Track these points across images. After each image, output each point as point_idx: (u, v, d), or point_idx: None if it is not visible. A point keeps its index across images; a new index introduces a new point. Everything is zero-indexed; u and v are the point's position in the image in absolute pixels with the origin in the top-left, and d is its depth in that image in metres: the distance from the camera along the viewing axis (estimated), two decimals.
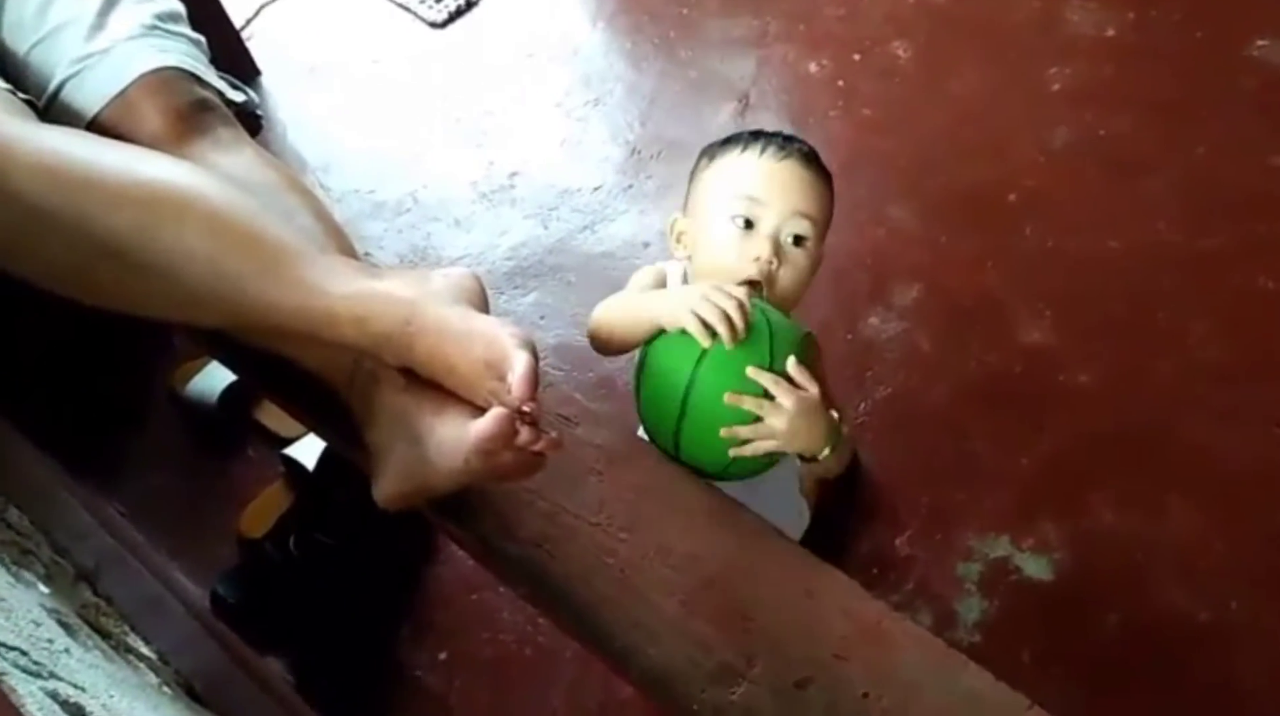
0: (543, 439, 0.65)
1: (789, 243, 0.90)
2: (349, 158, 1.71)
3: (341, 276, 0.71)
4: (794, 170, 0.90)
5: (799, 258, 0.91)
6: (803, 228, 0.90)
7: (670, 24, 1.84)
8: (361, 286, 0.71)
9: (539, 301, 1.53)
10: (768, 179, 0.90)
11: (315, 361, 0.78)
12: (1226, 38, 1.67)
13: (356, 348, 0.71)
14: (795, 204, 0.90)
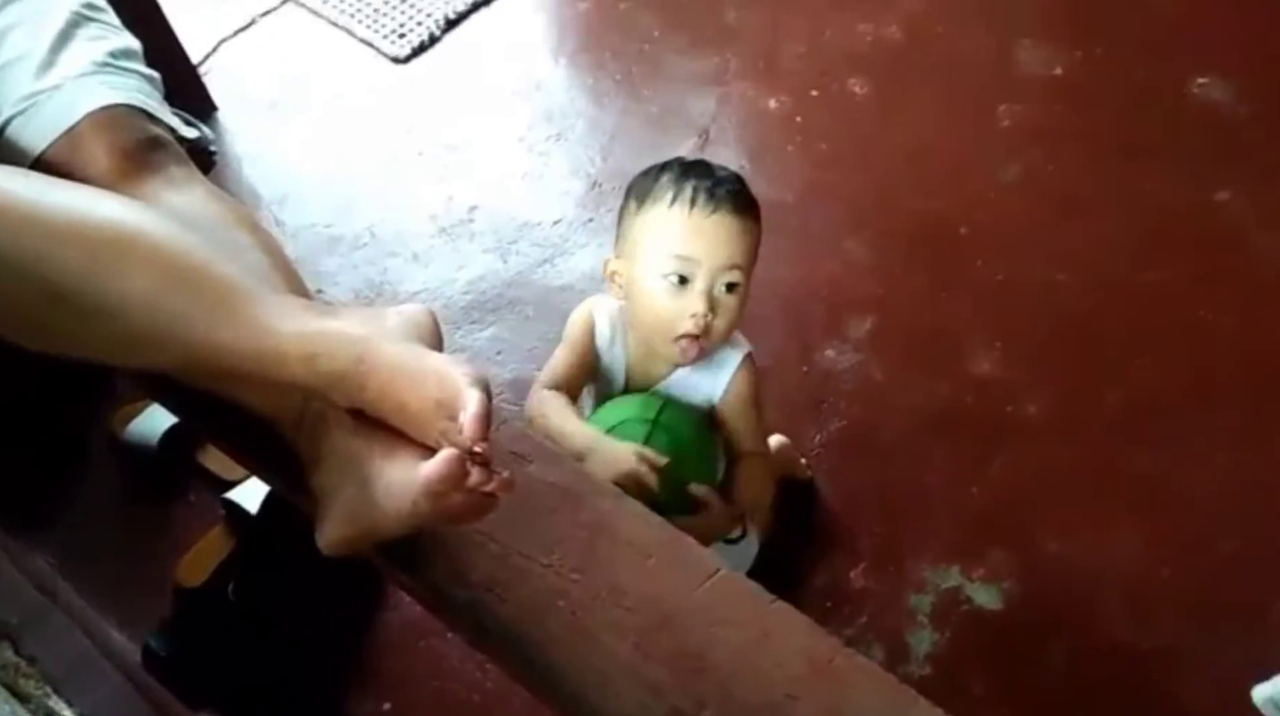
0: (495, 479, 0.65)
1: (722, 292, 0.93)
2: (306, 192, 1.71)
3: (292, 315, 0.71)
4: (724, 223, 0.92)
5: (731, 302, 0.94)
6: (735, 276, 0.93)
7: (632, 61, 1.87)
8: (312, 325, 0.70)
9: (496, 336, 1.54)
10: (699, 237, 0.92)
11: (263, 403, 0.77)
12: (1169, 76, 1.73)
13: (307, 387, 0.71)
14: (728, 258, 0.92)
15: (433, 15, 1.92)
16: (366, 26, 1.91)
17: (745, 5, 1.92)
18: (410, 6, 1.94)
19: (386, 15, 1.93)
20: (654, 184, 0.96)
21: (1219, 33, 1.75)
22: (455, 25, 1.92)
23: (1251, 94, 1.68)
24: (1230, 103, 1.68)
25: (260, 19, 1.96)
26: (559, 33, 1.93)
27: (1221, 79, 1.70)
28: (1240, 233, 1.54)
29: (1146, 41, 1.77)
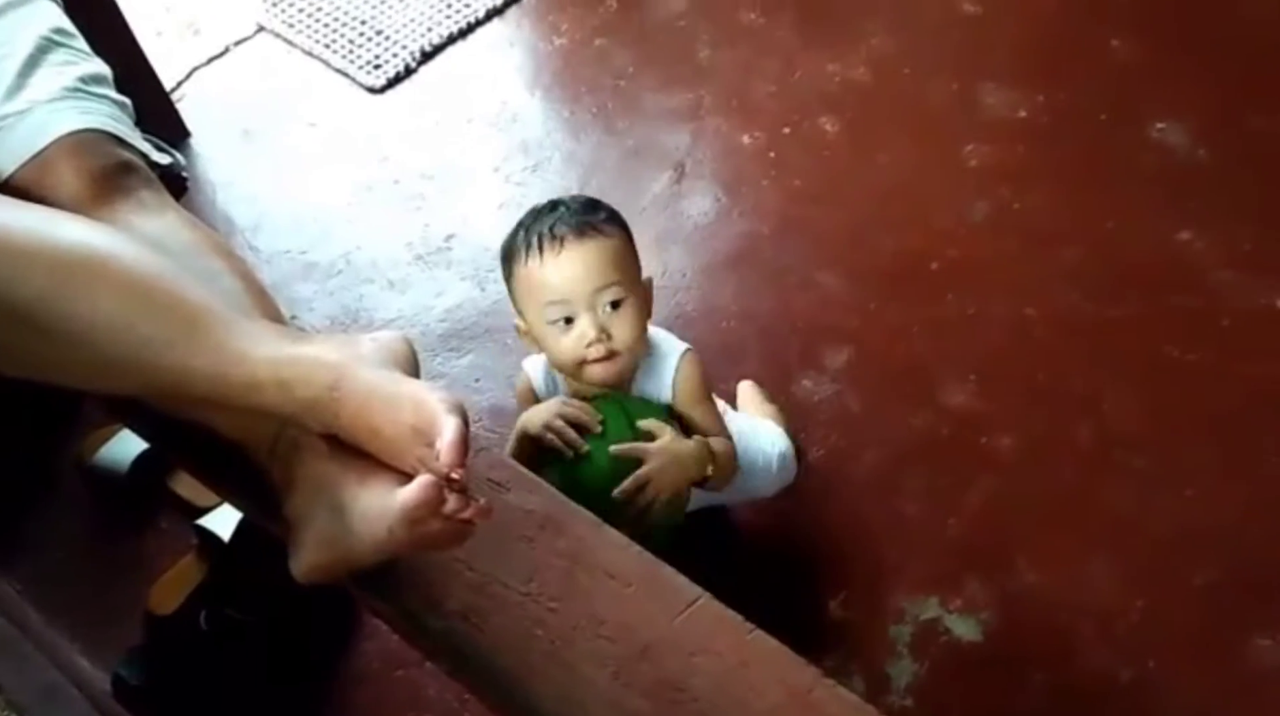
0: (471, 506, 0.64)
1: (608, 312, 0.98)
2: (280, 219, 1.69)
3: (265, 341, 0.70)
4: (574, 255, 0.97)
5: (624, 316, 0.99)
6: (613, 293, 0.98)
7: (607, 95, 1.89)
8: (286, 351, 0.69)
9: (475, 363, 1.52)
10: (559, 277, 0.97)
11: (236, 429, 0.75)
12: (1128, 120, 1.79)
13: (280, 414, 0.69)
14: (595, 284, 0.97)
15: (409, 47, 1.93)
16: (342, 57, 1.92)
17: (717, 44, 1.95)
18: (386, 38, 1.95)
19: (362, 46, 1.93)
20: (512, 243, 1.03)
21: (1176, 79, 1.82)
22: (431, 57, 1.93)
23: (1208, 139, 1.74)
24: (1188, 146, 1.74)
25: (234, 47, 1.95)
26: (535, 67, 1.95)
27: (1179, 124, 1.76)
28: (1201, 271, 1.59)
29: (1107, 86, 1.83)
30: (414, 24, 1.97)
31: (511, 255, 1.03)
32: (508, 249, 1.04)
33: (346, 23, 1.97)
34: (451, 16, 1.98)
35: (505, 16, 2.00)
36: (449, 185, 1.76)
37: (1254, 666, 1.20)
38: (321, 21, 1.97)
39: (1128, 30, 1.88)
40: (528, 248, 1.00)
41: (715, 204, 1.73)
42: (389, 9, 1.99)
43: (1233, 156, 1.72)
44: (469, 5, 2.00)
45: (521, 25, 2.00)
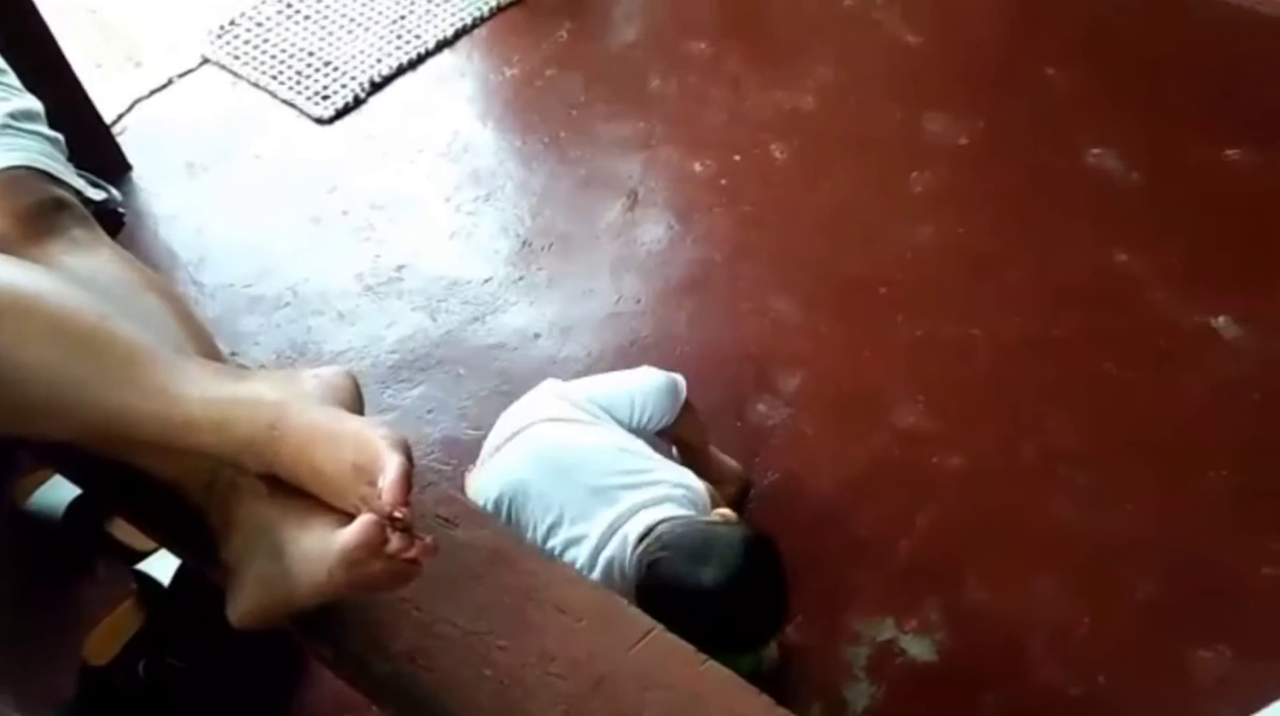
0: (416, 545, 0.63)
1: None
2: (225, 253, 1.66)
3: (200, 380, 0.68)
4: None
5: None
6: None
7: (559, 124, 1.90)
8: (222, 390, 0.68)
9: (426, 394, 1.51)
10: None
11: (171, 471, 0.73)
12: (1065, 146, 1.85)
13: (217, 455, 0.68)
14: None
15: (357, 78, 1.93)
16: (289, 88, 1.90)
17: (668, 74, 1.98)
18: (334, 69, 1.94)
19: (309, 77, 1.92)
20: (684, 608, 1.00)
21: (1109, 106, 1.89)
22: (380, 88, 1.93)
23: (1140, 163, 1.80)
24: (1122, 170, 1.81)
25: (178, 79, 1.92)
26: (485, 97, 1.96)
27: (1113, 149, 1.82)
28: (1138, 291, 1.64)
29: (1043, 113, 1.89)
30: (363, 55, 1.96)
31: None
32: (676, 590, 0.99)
33: (294, 54, 1.96)
34: (401, 47, 1.98)
35: (455, 47, 2.01)
36: (399, 215, 1.75)
37: (1199, 678, 1.23)
38: (268, 53, 1.95)
39: (1062, 59, 1.95)
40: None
41: (668, 231, 1.75)
42: (337, 40, 1.98)
43: (1164, 179, 1.79)
44: (419, 36, 2.00)
45: (472, 56, 2.01)
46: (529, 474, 1.11)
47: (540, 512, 1.08)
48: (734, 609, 0.99)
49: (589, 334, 1.60)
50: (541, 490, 1.09)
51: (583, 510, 1.06)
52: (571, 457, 1.11)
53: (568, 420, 1.16)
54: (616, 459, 1.11)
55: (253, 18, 2.01)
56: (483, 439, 1.47)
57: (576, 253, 1.71)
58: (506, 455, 1.16)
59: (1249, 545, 1.34)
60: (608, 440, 1.13)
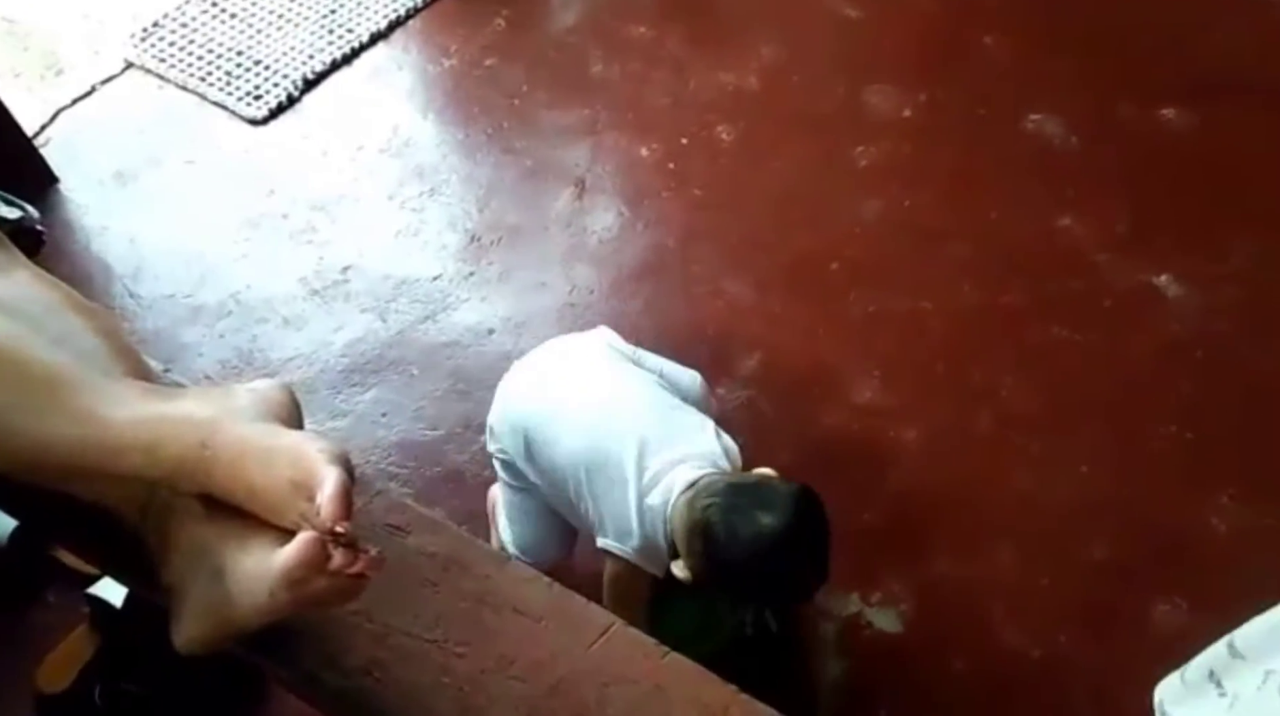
0: (361, 559, 0.61)
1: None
2: (161, 263, 1.61)
3: (128, 401, 0.66)
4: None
5: None
6: None
7: (502, 115, 1.87)
8: (151, 410, 0.65)
9: (379, 398, 1.48)
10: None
11: (105, 496, 0.71)
12: (1005, 114, 1.87)
13: (149, 477, 0.65)
14: None
15: (289, 76, 1.87)
16: (219, 89, 1.84)
17: (610, 59, 1.96)
18: (265, 68, 1.88)
19: (240, 77, 1.87)
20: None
21: (1047, 73, 1.91)
22: (314, 85, 1.88)
23: (1079, 128, 1.83)
24: (1062, 136, 1.83)
25: (101, 86, 1.86)
26: (425, 90, 1.92)
27: (1052, 115, 1.84)
28: (1083, 254, 1.67)
29: (983, 83, 1.91)
30: (294, 51, 1.91)
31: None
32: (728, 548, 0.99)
33: (222, 54, 1.90)
34: (333, 42, 1.93)
35: (390, 40, 1.96)
36: (342, 216, 1.71)
37: (1158, 631, 1.26)
38: (195, 54, 1.89)
39: (999, 28, 1.97)
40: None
41: (618, 218, 1.73)
42: (266, 37, 1.93)
43: (1104, 142, 1.81)
44: (351, 30, 1.95)
45: (408, 48, 1.97)
46: (572, 411, 1.09)
47: (579, 450, 1.06)
48: (793, 554, 0.99)
49: (544, 327, 1.58)
50: (585, 428, 1.07)
51: (627, 453, 1.04)
52: (623, 403, 1.09)
53: (625, 363, 1.14)
54: (666, 412, 1.09)
55: (177, 18, 1.94)
56: (440, 439, 1.46)
57: (526, 245, 1.69)
58: (551, 381, 1.13)
59: (1200, 499, 1.38)
60: (659, 394, 1.12)
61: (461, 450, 1.42)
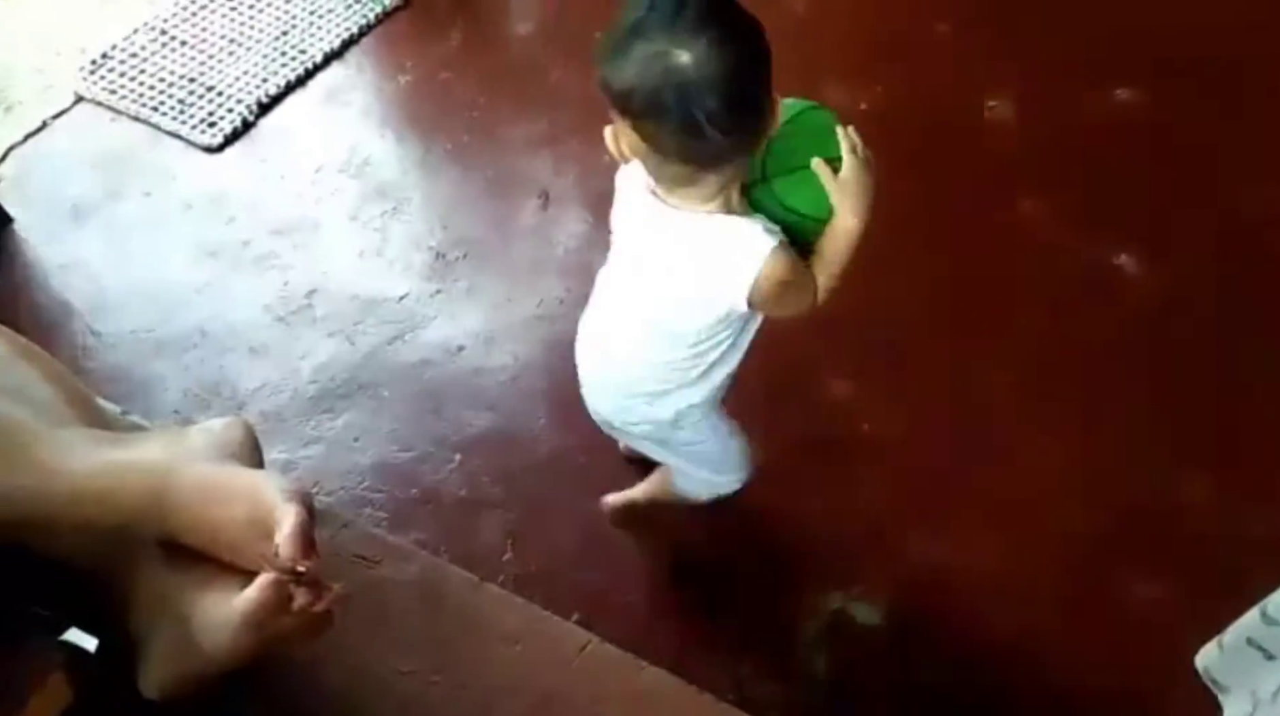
0: (325, 597, 0.61)
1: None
2: (123, 298, 1.59)
3: (81, 451, 0.65)
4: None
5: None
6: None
7: (461, 128, 1.86)
8: (106, 458, 0.65)
9: (351, 422, 1.47)
10: None
11: (64, 547, 0.70)
12: (962, 101, 1.88)
13: (107, 526, 0.65)
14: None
15: (243, 101, 1.85)
16: (173, 118, 1.82)
17: (567, 66, 1.95)
18: (219, 94, 1.86)
19: (193, 105, 1.85)
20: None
21: (1000, 58, 1.92)
22: (270, 109, 1.86)
23: (1036, 110, 1.84)
24: (1019, 120, 1.84)
25: (52, 121, 1.83)
26: (382, 108, 1.90)
27: (1007, 99, 1.86)
28: (1043, 236, 1.68)
29: (938, 72, 1.92)
30: (247, 76, 1.89)
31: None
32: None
33: (174, 82, 1.87)
34: (287, 64, 1.92)
35: (344, 59, 1.95)
36: (304, 240, 1.69)
37: (1132, 607, 1.28)
38: (146, 84, 1.87)
39: (951, 16, 1.98)
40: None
41: (584, 226, 1.73)
42: (218, 63, 1.91)
43: (1060, 124, 1.83)
44: (304, 51, 1.94)
45: (363, 67, 1.95)
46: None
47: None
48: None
49: (514, 340, 1.58)
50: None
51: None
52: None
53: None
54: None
55: (126, 49, 1.92)
56: (415, 460, 1.45)
57: (493, 259, 1.69)
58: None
59: (1167, 475, 1.40)
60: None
61: (437, 470, 1.42)
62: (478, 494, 1.39)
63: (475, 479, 1.41)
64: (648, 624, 1.25)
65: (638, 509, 1.26)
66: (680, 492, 1.21)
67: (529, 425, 1.47)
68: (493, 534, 1.35)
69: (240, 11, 1.99)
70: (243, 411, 1.46)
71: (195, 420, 1.43)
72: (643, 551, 1.34)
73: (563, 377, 1.54)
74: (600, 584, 1.30)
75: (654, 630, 1.24)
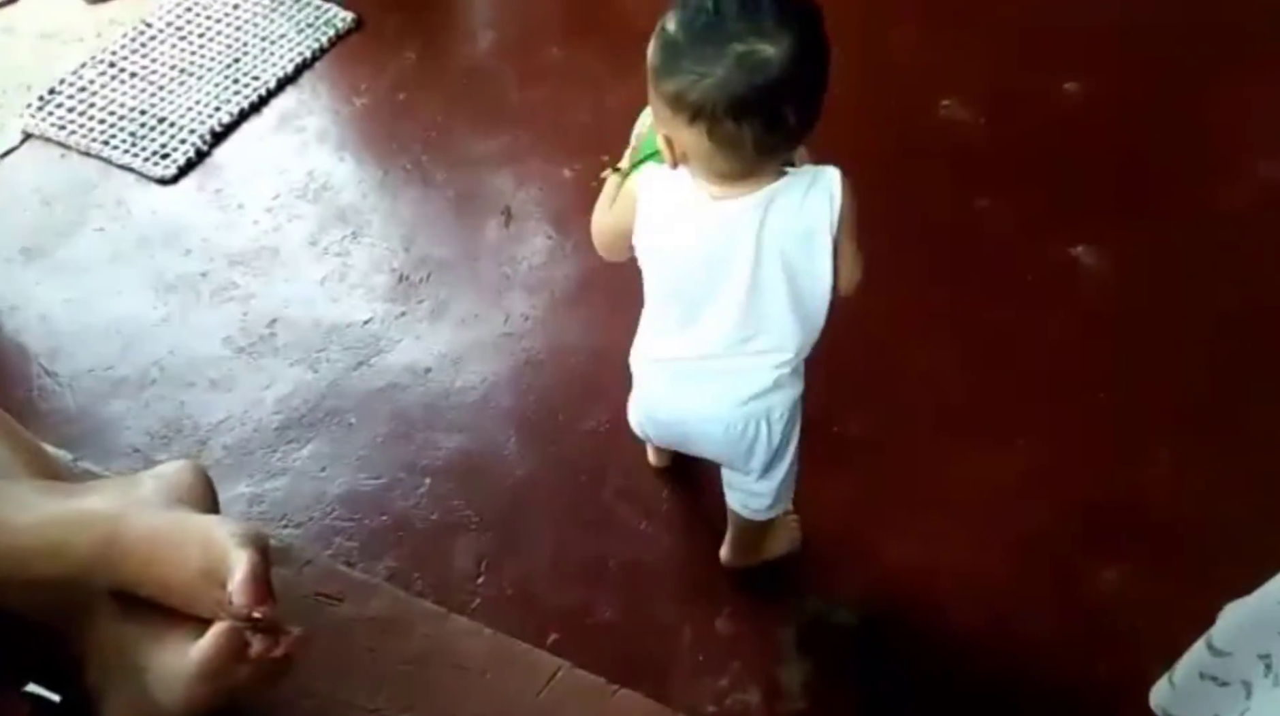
0: (283, 641, 0.60)
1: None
2: (78, 338, 1.57)
3: (29, 504, 0.64)
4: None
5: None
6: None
7: (420, 148, 1.85)
8: (53, 511, 0.63)
9: (318, 451, 1.45)
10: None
11: (16, 602, 0.68)
12: (915, 103, 1.90)
13: (57, 580, 0.63)
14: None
15: (196, 130, 1.83)
16: (124, 152, 1.80)
17: (524, 83, 1.95)
18: (170, 125, 1.84)
19: (144, 137, 1.82)
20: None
21: (954, 57, 1.95)
22: (223, 138, 1.84)
23: (988, 108, 1.87)
24: (972, 118, 1.87)
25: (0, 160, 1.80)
26: (339, 131, 1.89)
27: (962, 99, 1.88)
28: (1001, 232, 1.70)
29: (891, 75, 1.93)
30: (199, 105, 1.87)
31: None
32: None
33: (124, 114, 1.85)
34: (239, 92, 1.90)
35: (298, 83, 1.93)
36: (263, 268, 1.68)
37: (1104, 596, 1.30)
38: (96, 118, 1.84)
39: (903, 19, 2.01)
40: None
41: (548, 242, 1.73)
42: (169, 94, 1.88)
43: (1011, 120, 1.86)
44: (256, 77, 1.92)
45: (317, 91, 1.94)
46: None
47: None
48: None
49: (481, 360, 1.57)
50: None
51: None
52: None
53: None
54: None
55: (74, 83, 1.89)
56: (384, 487, 1.43)
57: (457, 278, 1.68)
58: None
59: (1134, 464, 1.42)
60: None
61: (407, 496, 1.41)
62: (450, 518, 1.38)
63: (446, 502, 1.40)
64: (626, 641, 1.25)
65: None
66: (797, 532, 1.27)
67: (499, 445, 1.47)
68: (465, 558, 1.34)
69: (190, 40, 1.97)
70: (206, 446, 1.44)
71: (157, 458, 1.42)
72: (617, 568, 1.34)
73: (531, 396, 1.54)
74: (576, 603, 1.29)
75: (633, 647, 1.23)
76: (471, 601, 1.29)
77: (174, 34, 1.97)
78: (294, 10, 2.02)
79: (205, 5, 2.02)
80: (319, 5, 2.03)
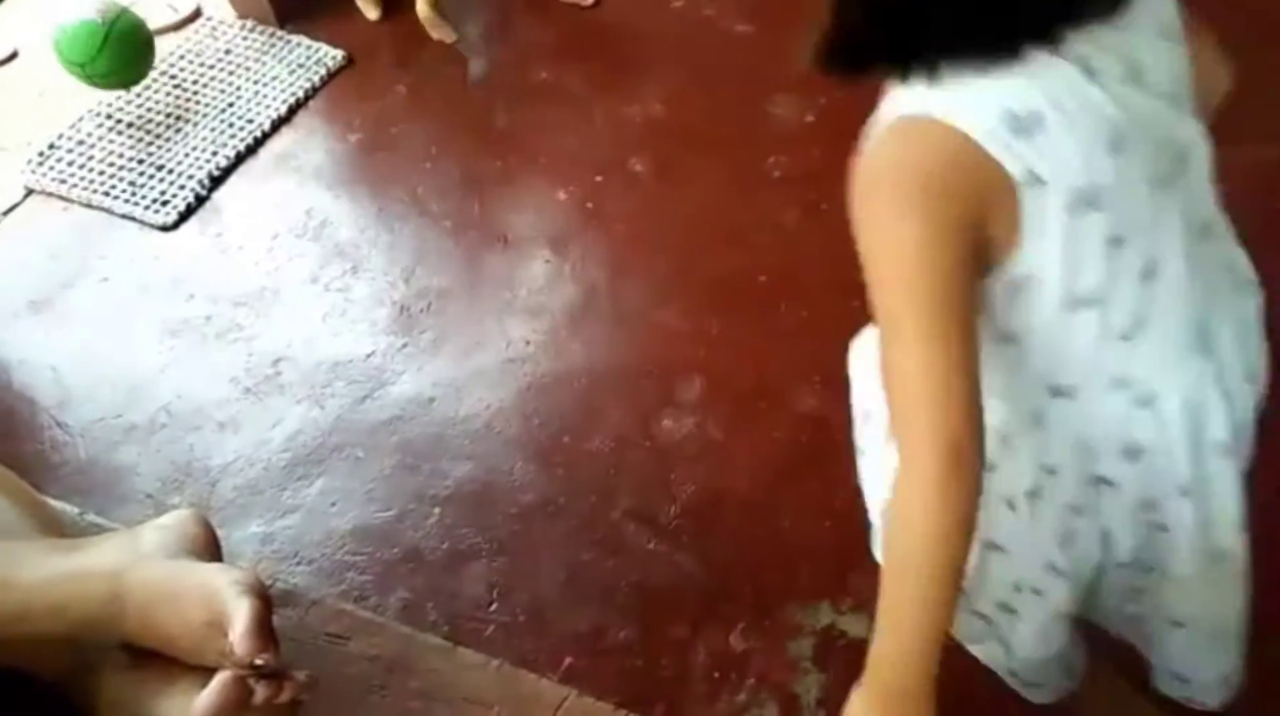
0: (287, 687, 0.61)
1: None
2: (87, 387, 1.59)
3: (32, 563, 0.65)
4: None
5: None
6: None
7: (416, 180, 1.87)
8: (56, 568, 0.65)
9: (327, 487, 1.46)
10: None
11: (22, 659, 0.69)
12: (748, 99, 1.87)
13: (62, 637, 0.64)
14: None
15: (194, 176, 1.86)
16: (125, 201, 1.83)
17: (513, 108, 1.97)
18: (169, 172, 1.87)
19: (143, 186, 1.85)
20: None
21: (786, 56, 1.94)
22: (221, 181, 1.87)
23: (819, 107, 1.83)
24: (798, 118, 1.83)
25: (2, 217, 1.84)
26: (334, 168, 1.92)
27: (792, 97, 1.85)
28: None
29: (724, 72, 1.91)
30: (196, 151, 1.90)
31: None
32: None
33: (122, 165, 1.88)
34: (235, 135, 1.93)
35: (292, 123, 1.96)
36: (265, 308, 1.70)
37: None
38: (95, 170, 1.88)
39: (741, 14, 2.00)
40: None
41: (545, 266, 1.74)
42: (166, 141, 1.92)
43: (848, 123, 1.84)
44: (251, 120, 1.95)
45: (312, 130, 1.97)
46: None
47: None
48: None
49: (484, 387, 1.58)
50: None
51: None
52: None
53: None
54: None
55: (73, 137, 1.93)
56: (394, 519, 1.44)
57: (457, 307, 1.69)
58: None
59: None
60: None
61: (416, 526, 1.41)
62: (460, 546, 1.39)
63: (456, 531, 1.40)
64: (641, 662, 1.25)
65: None
66: None
67: (506, 471, 1.47)
68: (477, 586, 1.34)
69: (184, 88, 2.00)
70: (216, 487, 1.46)
71: (169, 503, 1.44)
72: (628, 589, 1.34)
73: (536, 420, 1.55)
74: (589, 626, 1.29)
75: (648, 667, 1.23)
76: (485, 629, 1.29)
77: (168, 82, 2.01)
78: (285, 51, 2.05)
79: (198, 52, 2.06)
80: (309, 45, 2.06)
